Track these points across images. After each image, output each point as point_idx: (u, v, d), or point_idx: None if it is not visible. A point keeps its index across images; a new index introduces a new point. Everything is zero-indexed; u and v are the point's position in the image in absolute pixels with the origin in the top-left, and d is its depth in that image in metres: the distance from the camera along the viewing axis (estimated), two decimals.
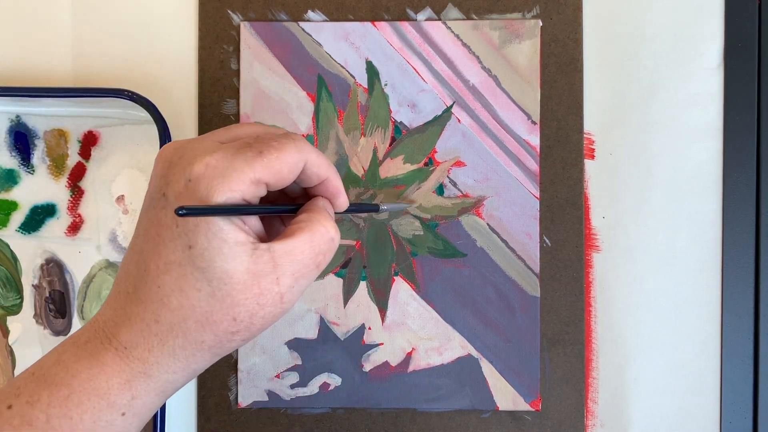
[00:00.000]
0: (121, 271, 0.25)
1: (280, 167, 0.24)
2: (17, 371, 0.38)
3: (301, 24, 0.38)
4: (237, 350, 0.38)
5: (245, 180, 0.23)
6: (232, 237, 0.23)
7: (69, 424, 0.23)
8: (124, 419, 0.24)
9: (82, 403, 0.23)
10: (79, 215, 0.38)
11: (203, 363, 0.25)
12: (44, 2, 0.39)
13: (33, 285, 0.38)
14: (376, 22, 0.38)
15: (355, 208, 0.31)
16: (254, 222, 0.25)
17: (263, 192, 0.25)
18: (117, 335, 0.24)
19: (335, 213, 0.28)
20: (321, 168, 0.27)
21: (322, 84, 0.38)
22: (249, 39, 0.38)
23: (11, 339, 0.38)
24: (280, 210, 0.27)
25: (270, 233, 0.28)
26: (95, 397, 0.23)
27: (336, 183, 0.28)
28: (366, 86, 0.38)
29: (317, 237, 0.25)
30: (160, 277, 0.24)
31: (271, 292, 0.24)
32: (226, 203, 0.23)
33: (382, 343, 0.38)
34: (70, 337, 0.25)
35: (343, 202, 0.28)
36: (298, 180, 0.27)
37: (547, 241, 0.38)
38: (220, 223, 0.23)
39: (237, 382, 0.38)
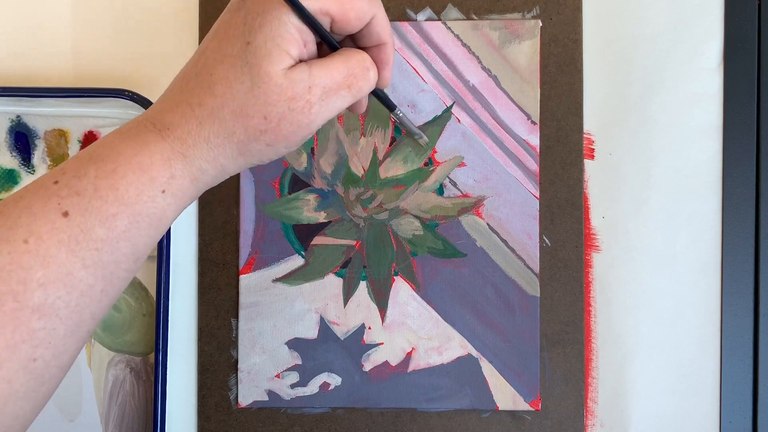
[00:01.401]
0: (178, 75, 0.28)
1: (350, 7, 0.27)
2: None
3: None
4: (237, 350, 0.39)
5: (316, 3, 0.26)
6: (285, 45, 0.26)
7: (115, 195, 0.25)
8: (164, 197, 0.26)
9: (126, 176, 0.25)
10: None
11: (230, 160, 0.27)
12: (44, 2, 0.40)
13: None
14: None
15: (380, 94, 0.33)
16: (312, 48, 0.28)
17: (327, 26, 0.27)
18: (161, 119, 0.27)
19: (380, 88, 0.30)
20: (384, 30, 0.29)
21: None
22: None
23: None
24: (336, 41, 0.28)
25: None
26: (139, 171, 0.26)
27: (389, 52, 0.29)
28: None
29: (353, 60, 0.28)
30: (214, 66, 0.26)
31: (303, 99, 0.26)
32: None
33: (382, 343, 0.39)
34: (114, 130, 0.28)
35: (387, 75, 0.30)
36: (361, 35, 0.29)
37: (546, 241, 0.39)
38: (281, 31, 0.26)
39: (237, 382, 0.39)
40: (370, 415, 0.39)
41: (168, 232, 0.37)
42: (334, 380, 0.39)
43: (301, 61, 0.27)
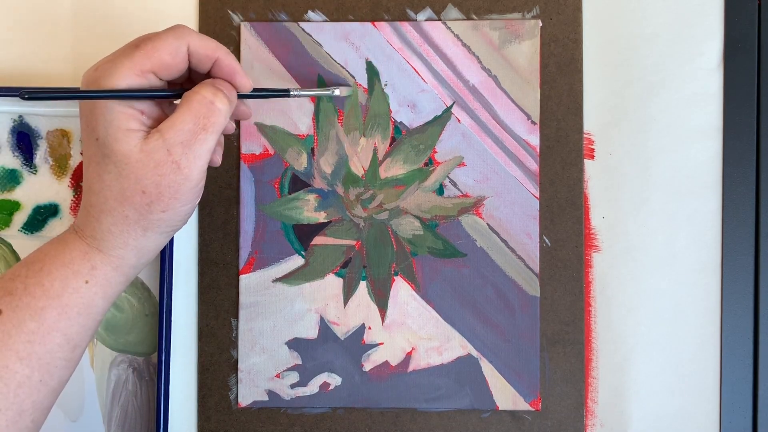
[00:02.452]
0: None
1: (159, 55, 0.29)
2: None
3: (301, 24, 0.40)
4: (237, 350, 0.39)
5: (129, 74, 0.28)
6: (125, 125, 0.28)
7: (42, 290, 0.29)
8: (88, 287, 0.30)
9: (51, 273, 0.29)
10: None
11: (141, 240, 0.30)
12: (44, 2, 0.41)
13: None
14: (376, 22, 0.40)
15: (262, 92, 0.34)
16: (153, 110, 0.30)
17: (155, 81, 0.29)
18: (77, 223, 0.31)
19: (243, 93, 0.32)
20: (207, 49, 0.30)
21: (322, 84, 0.40)
22: (249, 39, 0.40)
23: None
24: (156, 95, 0.30)
25: None
26: (62, 266, 0.29)
27: (229, 62, 0.31)
28: (366, 86, 0.40)
29: (194, 104, 0.29)
30: (86, 170, 0.30)
31: (167, 163, 0.29)
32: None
33: (382, 343, 0.40)
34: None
35: (243, 82, 0.32)
36: (193, 65, 0.31)
37: (546, 241, 0.40)
38: (114, 114, 0.28)
39: (237, 382, 0.40)
40: (370, 415, 0.40)
41: None
42: (334, 380, 0.40)
43: (150, 127, 0.30)
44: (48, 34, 0.40)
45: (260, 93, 0.34)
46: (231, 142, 0.40)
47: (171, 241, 0.38)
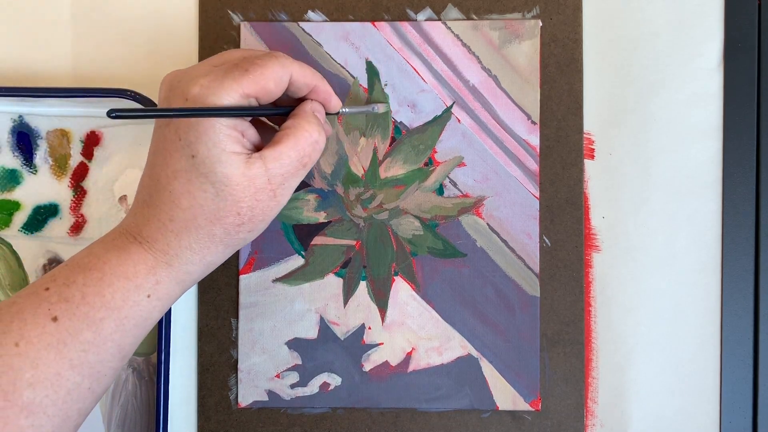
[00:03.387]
0: (139, 185, 0.31)
1: (265, 82, 0.29)
2: None
3: (301, 24, 0.40)
4: (237, 350, 0.40)
5: (234, 96, 0.28)
6: (229, 147, 0.29)
7: (101, 301, 0.28)
8: (149, 301, 0.29)
9: (112, 284, 0.28)
10: (82, 215, 0.40)
11: (217, 255, 0.31)
12: (44, 2, 0.41)
13: None
14: (376, 23, 0.40)
15: (349, 109, 0.38)
16: (251, 132, 0.31)
17: (254, 103, 0.30)
18: (141, 233, 0.30)
19: (332, 113, 0.34)
20: (307, 77, 0.31)
21: None
22: (249, 39, 0.40)
23: None
24: (264, 113, 0.31)
25: (267, 140, 0.32)
26: (124, 279, 0.29)
27: (324, 88, 0.33)
28: (366, 86, 0.40)
29: (301, 141, 0.30)
30: (170, 183, 0.29)
31: (265, 190, 0.29)
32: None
33: (382, 343, 0.40)
34: (98, 239, 0.31)
35: (335, 104, 0.34)
36: (290, 92, 0.32)
37: (546, 241, 0.40)
38: (219, 135, 0.28)
39: (237, 382, 0.40)
40: (370, 415, 0.40)
41: None
42: (334, 380, 0.40)
43: (253, 148, 0.30)
44: (48, 34, 0.41)
45: (348, 110, 0.37)
46: None
47: None
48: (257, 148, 0.31)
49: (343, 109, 0.36)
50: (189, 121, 0.28)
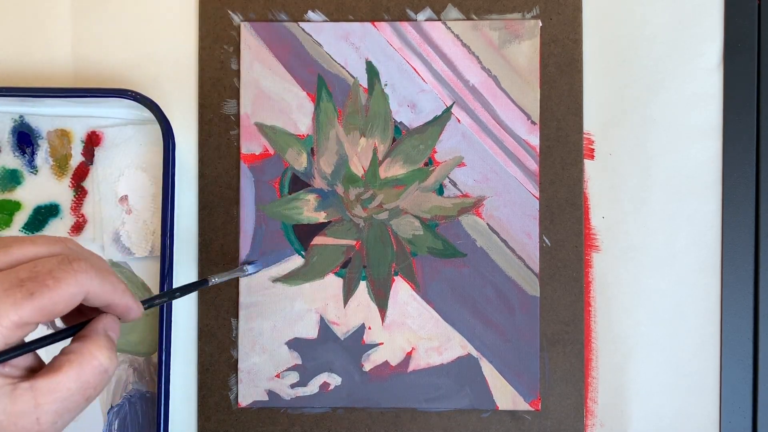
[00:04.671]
0: None
1: (54, 307, 0.24)
2: None
3: (301, 24, 0.41)
4: (237, 350, 0.40)
5: (7, 325, 0.23)
6: None
7: None
8: None
9: None
10: (83, 215, 0.41)
11: None
12: (44, 2, 0.41)
13: None
14: (376, 23, 0.41)
15: (181, 290, 0.31)
16: (21, 358, 0.25)
17: (32, 329, 0.24)
18: None
19: (134, 319, 0.28)
20: (106, 295, 0.26)
21: (322, 84, 0.41)
22: (249, 39, 0.41)
23: None
24: (41, 345, 0.25)
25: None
26: None
27: (124, 303, 0.27)
28: (366, 86, 0.41)
29: (87, 371, 0.25)
30: None
31: (31, 430, 0.24)
32: None
33: (382, 343, 0.41)
34: None
35: (135, 314, 0.28)
36: (83, 302, 0.26)
37: (546, 240, 0.41)
38: None
39: (237, 382, 0.40)
40: (370, 415, 0.41)
41: (171, 232, 0.38)
42: (334, 380, 0.41)
43: (24, 371, 0.25)
44: (48, 34, 0.41)
45: (156, 302, 0.30)
46: (231, 142, 0.41)
47: (172, 241, 0.38)
48: (31, 370, 0.25)
49: (213, 279, 0.34)
50: None
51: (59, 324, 0.33)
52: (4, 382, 0.24)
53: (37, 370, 0.25)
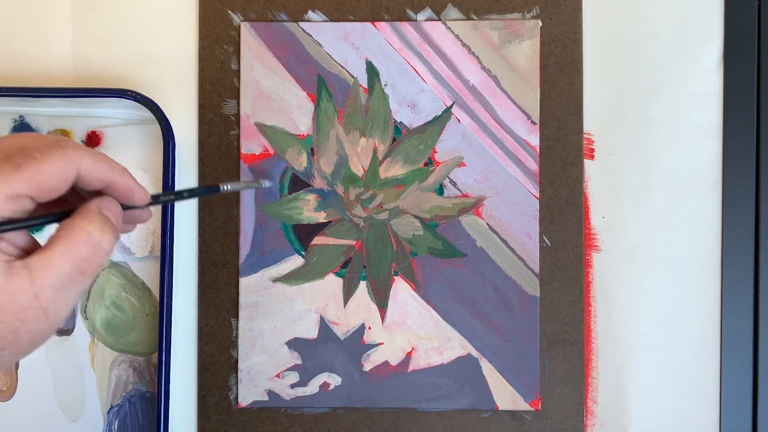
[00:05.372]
0: None
1: (43, 179, 0.24)
2: (20, 371, 0.41)
3: (301, 24, 0.41)
4: (237, 350, 0.41)
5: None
6: None
7: None
8: None
9: None
10: None
11: None
12: (44, 2, 0.42)
13: None
14: (376, 23, 0.41)
15: (192, 192, 0.31)
16: (17, 236, 0.25)
17: (29, 205, 0.25)
18: None
19: (139, 207, 0.28)
20: (100, 173, 0.26)
21: (322, 84, 0.41)
22: (249, 39, 0.41)
23: None
24: (37, 222, 0.25)
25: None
26: None
27: (124, 183, 0.27)
28: (366, 86, 0.41)
29: (77, 244, 0.25)
30: None
31: (32, 308, 0.24)
32: None
33: (382, 343, 0.41)
34: None
35: (140, 197, 0.28)
36: (80, 186, 0.27)
37: (546, 240, 0.41)
38: None
39: (237, 382, 0.41)
40: (370, 415, 0.41)
41: (171, 232, 0.38)
42: (334, 380, 0.41)
43: (22, 253, 0.25)
44: (48, 34, 0.41)
45: (161, 200, 0.30)
46: (231, 142, 0.41)
47: (172, 241, 0.39)
48: (29, 253, 0.25)
49: (225, 186, 0.33)
50: None
51: None
52: (1, 258, 0.24)
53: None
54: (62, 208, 0.27)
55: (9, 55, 0.41)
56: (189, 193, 0.30)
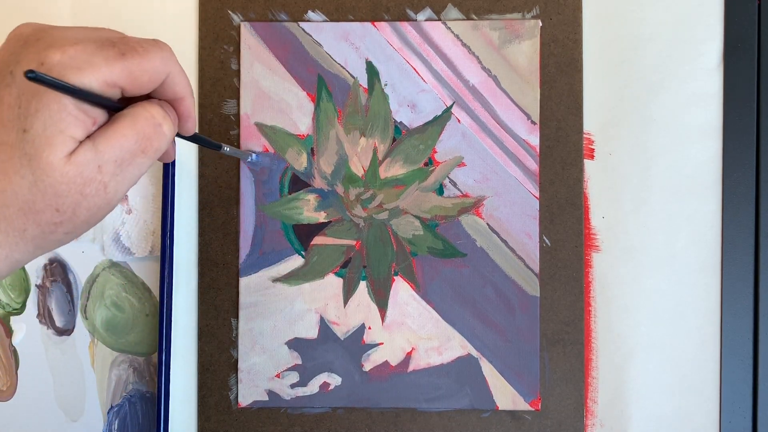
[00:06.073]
0: None
1: (140, 73, 0.25)
2: (21, 371, 0.41)
3: (301, 24, 0.41)
4: (237, 350, 0.41)
5: (99, 78, 0.24)
6: (70, 130, 0.24)
7: None
8: None
9: None
10: None
11: (26, 255, 0.26)
12: (44, 2, 0.42)
13: (36, 285, 0.41)
14: (376, 23, 0.41)
15: (199, 138, 0.32)
16: (102, 117, 0.26)
17: (117, 94, 0.26)
18: None
19: (183, 137, 0.30)
20: (181, 86, 0.28)
21: (322, 84, 0.41)
22: (249, 39, 0.41)
23: (15, 339, 0.41)
24: (109, 103, 0.26)
25: None
26: None
27: (189, 105, 0.29)
28: (366, 86, 0.41)
29: (140, 121, 0.26)
30: None
31: (95, 181, 0.25)
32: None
33: (382, 343, 0.41)
34: None
35: (190, 126, 0.29)
36: (156, 92, 0.27)
37: (546, 240, 0.41)
38: (63, 114, 0.24)
39: (237, 382, 0.41)
40: (370, 415, 0.41)
41: (171, 232, 0.38)
42: (334, 380, 0.41)
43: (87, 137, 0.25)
44: None
45: (197, 138, 0.32)
46: (231, 142, 0.41)
47: (172, 241, 0.39)
48: None
49: (226, 148, 0.34)
50: (37, 89, 0.24)
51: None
52: (82, 134, 0.25)
53: None
54: None
55: None
56: (195, 140, 0.32)
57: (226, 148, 0.35)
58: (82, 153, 0.25)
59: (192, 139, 0.31)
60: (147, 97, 0.27)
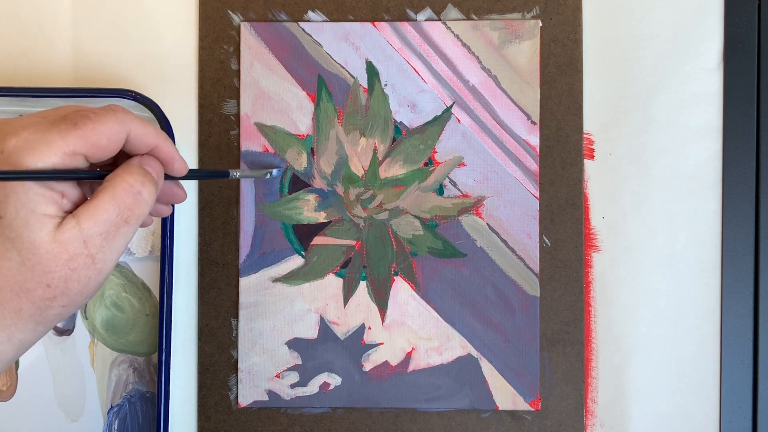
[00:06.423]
0: None
1: (97, 138, 0.26)
2: (20, 371, 0.41)
3: (301, 24, 0.41)
4: (237, 350, 0.41)
5: (57, 152, 0.25)
6: (41, 209, 0.26)
7: None
8: None
9: None
10: None
11: (28, 334, 0.27)
12: (44, 2, 0.42)
13: None
14: (376, 23, 0.41)
15: (200, 174, 0.33)
16: (73, 192, 0.27)
17: (82, 163, 0.27)
18: None
19: (177, 177, 0.31)
20: (149, 137, 0.29)
21: (322, 84, 0.41)
22: (249, 39, 0.41)
23: None
24: (88, 176, 0.27)
25: None
26: None
27: (167, 149, 0.30)
28: (366, 86, 0.41)
29: (119, 192, 0.27)
30: None
31: (81, 255, 0.26)
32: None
33: (382, 343, 0.41)
34: None
35: (180, 167, 0.30)
36: (128, 150, 0.29)
37: (546, 241, 0.41)
38: (29, 195, 0.25)
39: (237, 382, 0.41)
40: (370, 415, 0.41)
41: (171, 232, 0.38)
42: (334, 380, 0.41)
43: (68, 211, 0.27)
44: (48, 34, 0.41)
45: (196, 175, 0.32)
46: (231, 142, 0.41)
47: (172, 241, 0.39)
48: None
49: (234, 173, 0.35)
50: None
51: None
52: (55, 211, 0.26)
53: None
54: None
55: (9, 55, 0.41)
56: (201, 174, 0.32)
57: (235, 173, 0.35)
58: (66, 230, 0.26)
59: (193, 176, 0.32)
60: (128, 156, 0.29)
